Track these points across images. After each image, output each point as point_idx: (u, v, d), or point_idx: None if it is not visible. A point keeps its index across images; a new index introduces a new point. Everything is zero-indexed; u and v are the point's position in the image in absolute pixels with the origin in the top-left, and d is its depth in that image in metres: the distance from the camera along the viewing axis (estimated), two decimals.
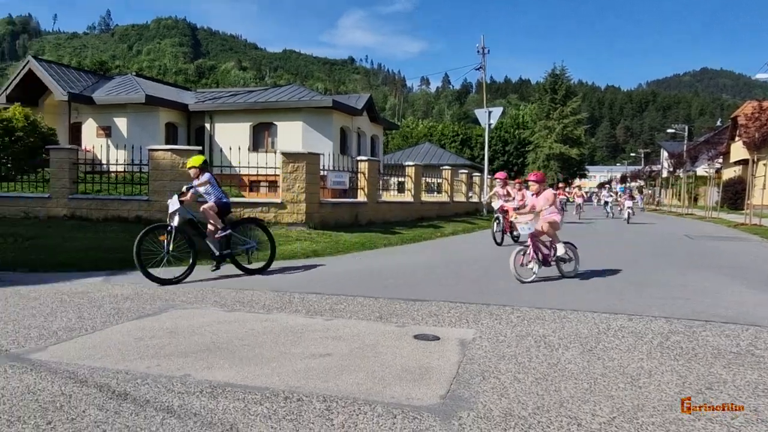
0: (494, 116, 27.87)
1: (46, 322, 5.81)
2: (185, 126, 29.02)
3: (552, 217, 8.79)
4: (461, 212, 25.94)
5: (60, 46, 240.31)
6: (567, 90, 70.64)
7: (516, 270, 8.45)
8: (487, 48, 32.03)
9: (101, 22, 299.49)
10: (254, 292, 7.63)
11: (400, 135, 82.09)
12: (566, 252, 8.89)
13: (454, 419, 3.51)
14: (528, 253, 8.61)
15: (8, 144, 19.97)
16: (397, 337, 5.40)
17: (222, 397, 3.82)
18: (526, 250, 8.63)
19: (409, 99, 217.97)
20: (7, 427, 3.30)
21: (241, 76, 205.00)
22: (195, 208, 9.13)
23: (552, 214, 8.80)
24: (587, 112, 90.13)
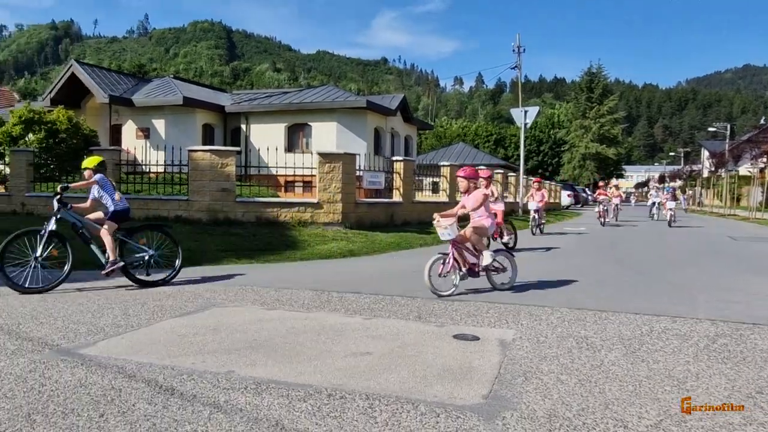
0: (530, 116, 27.57)
1: (94, 319, 5.97)
2: (221, 127, 29.45)
3: (480, 221, 7.74)
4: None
5: (100, 50, 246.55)
6: (604, 88, 69.45)
7: (431, 281, 7.22)
8: (522, 47, 31.71)
9: (139, 26, 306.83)
10: (293, 291, 7.71)
11: (433, 135, 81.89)
12: (495, 261, 7.75)
13: (498, 419, 3.50)
14: (447, 261, 7.46)
15: (52, 145, 20.55)
16: (436, 337, 5.40)
17: (266, 393, 3.87)
18: (446, 258, 7.49)
19: (443, 99, 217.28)
20: (62, 419, 3.40)
21: (276, 77, 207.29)
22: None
23: (480, 218, 7.75)
24: (624, 111, 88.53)
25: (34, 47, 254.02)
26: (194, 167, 14.48)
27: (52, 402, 3.66)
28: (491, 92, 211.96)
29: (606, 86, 71.06)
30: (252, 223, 14.09)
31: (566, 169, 69.24)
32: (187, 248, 11.18)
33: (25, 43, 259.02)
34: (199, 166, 14.38)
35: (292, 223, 14.11)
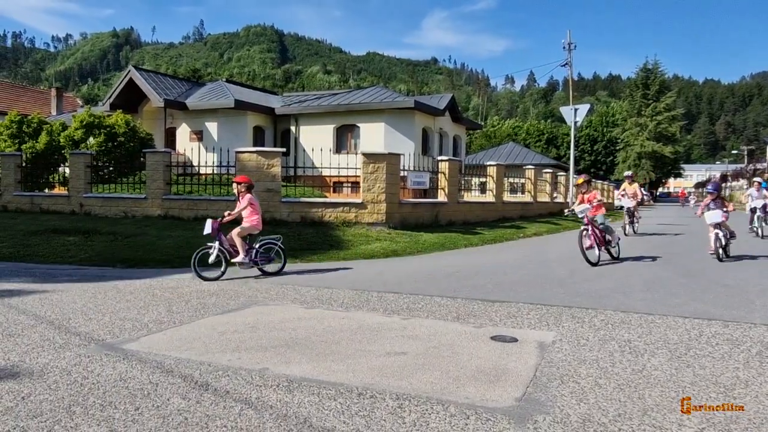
0: (580, 114, 26.95)
1: (139, 315, 6.15)
2: (272, 129, 29.91)
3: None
4: (545, 213, 25.27)
5: (158, 56, 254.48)
6: (661, 85, 67.15)
7: None
8: (573, 43, 30.99)
9: (195, 32, 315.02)
10: (333, 290, 7.75)
11: (483, 135, 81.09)
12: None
13: (529, 422, 3.42)
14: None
15: (111, 148, 21.29)
16: (473, 338, 5.33)
17: (297, 391, 3.90)
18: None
19: (493, 98, 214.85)
20: (99, 412, 3.51)
21: (326, 79, 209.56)
22: None
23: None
24: (683, 108, 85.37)
25: (97, 54, 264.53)
26: (241, 168, 14.75)
27: (92, 395, 3.78)
28: (543, 91, 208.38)
29: (663, 82, 68.67)
30: (297, 223, 14.25)
31: (621, 169, 67.25)
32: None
33: (88, 51, 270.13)
34: (245, 167, 14.64)
35: (336, 223, 14.20)
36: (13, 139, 22.77)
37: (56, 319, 5.90)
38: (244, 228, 9.12)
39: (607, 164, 72.24)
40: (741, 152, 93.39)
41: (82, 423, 3.34)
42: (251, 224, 9.17)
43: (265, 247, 9.19)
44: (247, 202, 9.16)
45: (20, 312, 6.23)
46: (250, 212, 9.19)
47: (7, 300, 6.88)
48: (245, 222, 9.19)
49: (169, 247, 11.42)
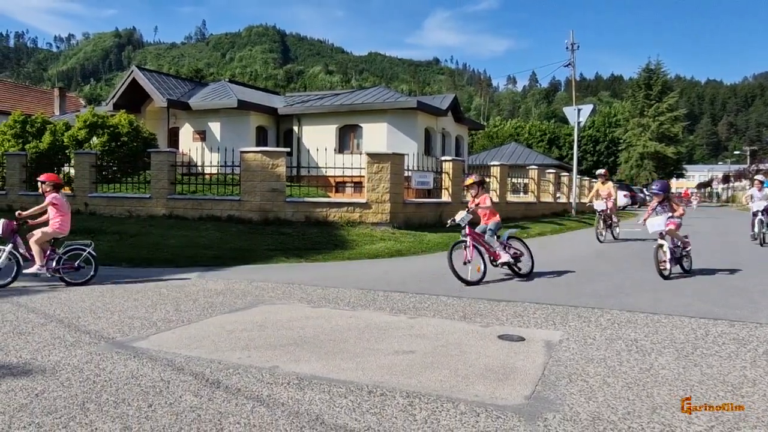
0: (584, 114, 26.96)
1: (147, 314, 6.18)
2: (274, 129, 29.95)
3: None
4: (548, 213, 25.28)
5: (160, 56, 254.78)
6: (663, 85, 67.05)
7: None
8: (576, 44, 31.04)
9: (197, 32, 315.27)
10: (339, 289, 7.78)
11: (485, 135, 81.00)
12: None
13: (539, 420, 3.44)
14: None
15: (114, 148, 21.33)
16: (481, 337, 5.35)
17: (308, 388, 3.93)
18: None
19: (495, 98, 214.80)
20: (113, 408, 3.54)
21: (328, 79, 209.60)
22: None
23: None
24: (685, 108, 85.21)
25: (99, 54, 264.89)
26: (246, 168, 14.80)
27: (105, 392, 3.82)
28: (545, 91, 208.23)
29: (665, 83, 68.57)
30: (301, 223, 14.29)
31: (623, 169, 67.30)
32: (239, 247, 11.48)
33: (91, 51, 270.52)
34: (250, 167, 14.69)
35: (340, 222, 14.23)
36: (17, 139, 22.82)
37: (65, 318, 5.94)
38: (46, 232, 8.15)
39: (609, 165, 72.17)
40: (743, 153, 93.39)
41: (97, 419, 3.37)
42: (54, 228, 8.20)
43: (70, 254, 8.13)
44: (48, 201, 8.26)
45: (29, 310, 6.27)
46: (55, 214, 8.25)
47: (16, 298, 6.92)
48: (48, 226, 8.26)
49: (174, 246, 11.46)
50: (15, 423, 3.31)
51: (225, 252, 10.99)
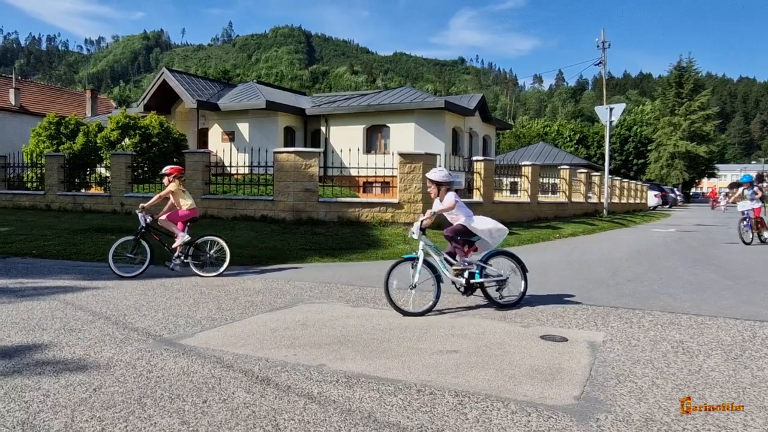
0: (616, 113, 26.61)
1: (191, 312, 6.29)
2: (302, 129, 30.18)
3: None
4: (579, 213, 25.04)
5: (187, 57, 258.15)
6: (695, 83, 65.93)
7: None
8: (607, 42, 30.69)
9: (224, 34, 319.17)
10: (376, 289, 7.81)
11: (512, 135, 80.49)
12: None
13: (592, 420, 3.44)
14: None
15: (146, 149, 21.70)
16: (523, 337, 5.35)
17: (357, 387, 3.97)
18: None
19: (521, 98, 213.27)
20: (169, 403, 3.62)
21: (353, 80, 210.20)
22: None
23: None
24: (717, 107, 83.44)
25: (128, 57, 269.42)
26: (279, 168, 14.94)
27: (159, 387, 3.90)
28: (572, 90, 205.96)
29: (697, 81, 67.38)
30: (334, 223, 14.38)
31: (652, 169, 66.26)
32: (274, 246, 11.61)
33: (120, 53, 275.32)
34: (283, 167, 14.82)
35: (372, 222, 14.29)
36: (52, 140, 23.37)
37: (112, 315, 6.08)
38: None
39: (638, 165, 71.17)
40: None
41: (155, 414, 3.46)
42: None
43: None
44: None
45: (77, 308, 6.43)
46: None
47: (62, 296, 7.09)
48: None
49: None
50: (77, 416, 3.41)
51: (261, 251, 11.11)
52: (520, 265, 6.71)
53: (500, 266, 6.71)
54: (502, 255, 6.84)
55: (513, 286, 6.70)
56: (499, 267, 6.69)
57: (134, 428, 3.26)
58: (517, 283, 6.71)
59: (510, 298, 6.70)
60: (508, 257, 6.83)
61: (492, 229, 6.59)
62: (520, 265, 6.71)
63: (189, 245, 9.13)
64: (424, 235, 6.58)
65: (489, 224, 6.62)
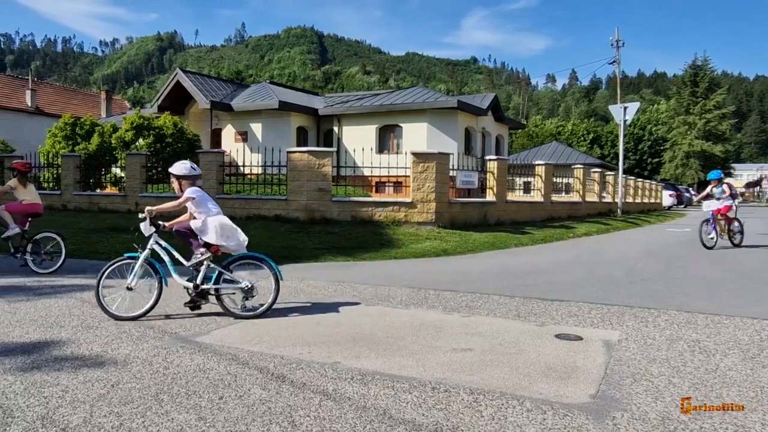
0: (630, 112, 26.42)
1: (206, 309, 6.32)
2: (315, 129, 30.26)
3: None
4: (593, 213, 24.89)
5: (201, 58, 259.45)
6: (710, 82, 65.33)
7: None
8: (622, 41, 30.45)
9: (237, 34, 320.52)
10: (390, 288, 7.83)
11: (525, 134, 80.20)
12: None
13: (608, 419, 3.42)
14: None
15: (160, 149, 21.86)
16: (537, 336, 5.33)
17: (372, 384, 3.98)
18: None
19: (534, 97, 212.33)
20: (186, 400, 3.66)
21: (365, 80, 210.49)
22: None
23: None
24: (733, 106, 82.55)
25: (142, 58, 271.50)
26: (292, 168, 14.99)
27: (176, 384, 3.94)
28: (585, 89, 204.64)
29: (713, 79, 66.78)
30: (347, 222, 14.40)
31: (667, 168, 65.76)
32: (287, 246, 11.65)
33: (134, 55, 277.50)
34: (296, 167, 14.87)
35: (386, 222, 14.30)
36: (67, 141, 23.60)
37: None
38: None
39: (652, 164, 70.64)
40: None
41: (172, 410, 3.49)
42: None
43: None
44: None
45: (93, 306, 6.46)
46: None
47: (79, 294, 7.17)
48: None
49: None
50: (96, 412, 3.45)
51: (274, 251, 11.11)
52: (273, 272, 6.11)
53: (245, 273, 6.24)
54: (250, 259, 6.30)
55: (263, 294, 6.13)
56: (244, 274, 6.22)
57: (152, 423, 3.30)
58: (269, 290, 6.13)
59: (254, 308, 6.09)
60: (260, 262, 6.25)
61: (221, 232, 6.05)
62: (274, 272, 6.11)
63: (28, 241, 9.14)
64: (156, 233, 6.10)
65: (217, 225, 6.07)
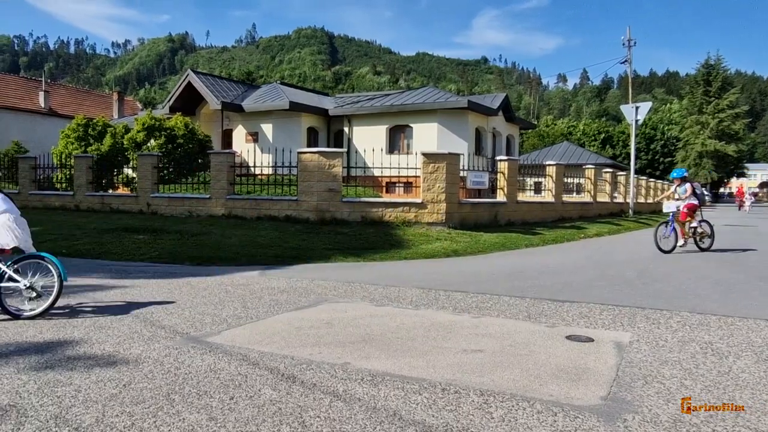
0: (641, 112, 26.24)
1: (216, 310, 6.36)
2: (325, 130, 30.29)
3: None
4: (605, 213, 24.76)
5: (212, 59, 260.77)
6: (723, 81, 64.82)
7: None
8: (633, 40, 30.27)
9: (247, 35, 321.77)
10: (400, 288, 7.83)
11: (535, 134, 79.92)
12: None
13: (619, 421, 3.40)
14: None
15: (171, 150, 22.00)
16: (548, 337, 5.31)
17: (382, 385, 3.98)
18: None
19: (545, 97, 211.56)
20: (197, 400, 3.68)
21: (376, 80, 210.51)
22: None
23: None
24: (747, 105, 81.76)
25: (153, 59, 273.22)
26: (303, 168, 15.03)
27: (187, 384, 3.96)
28: (597, 89, 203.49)
29: (726, 79, 66.28)
30: (357, 223, 14.42)
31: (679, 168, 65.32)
32: (297, 246, 11.69)
33: (146, 56, 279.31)
34: (307, 168, 14.91)
35: (396, 222, 14.29)
36: (80, 142, 23.81)
37: (140, 313, 6.17)
38: None
39: (665, 164, 70.14)
40: None
41: (183, 410, 3.51)
42: None
43: None
44: None
45: (105, 306, 6.54)
46: None
47: (91, 294, 7.23)
48: None
49: (234, 245, 11.74)
50: (108, 411, 3.47)
51: (284, 251, 11.19)
52: (57, 271, 5.82)
53: (31, 272, 5.93)
54: (36, 259, 6.00)
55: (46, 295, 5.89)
56: (31, 273, 5.92)
57: (163, 423, 3.32)
58: (50, 291, 5.87)
59: (35, 308, 5.84)
60: (43, 261, 5.93)
61: None
62: (58, 272, 5.82)
63: None
64: None
65: None
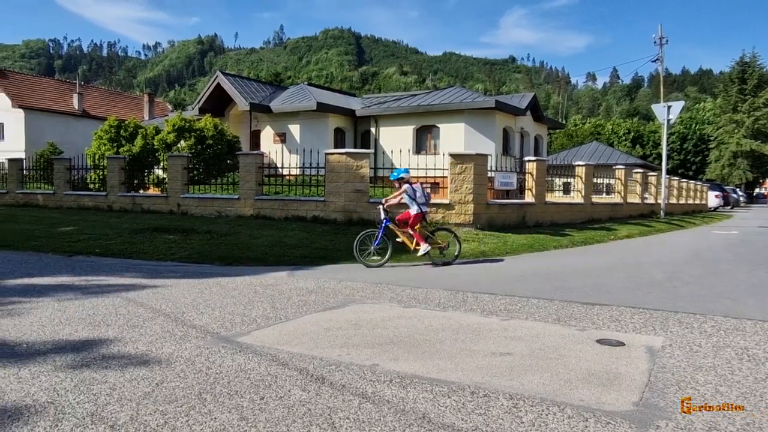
0: (674, 111, 25.73)
1: (246, 310, 6.43)
2: (352, 131, 30.40)
3: None
4: (635, 214, 24.37)
5: (240, 61, 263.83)
6: (759, 79, 63.25)
7: None
8: (665, 38, 29.78)
9: (275, 37, 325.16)
10: (428, 290, 7.82)
11: (564, 134, 79.01)
12: None
13: (651, 428, 3.35)
14: None
15: (200, 151, 22.30)
16: (578, 341, 5.25)
17: (410, 387, 3.98)
18: None
19: (574, 96, 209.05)
20: (228, 399, 3.72)
21: (403, 80, 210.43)
22: None
23: None
24: None
25: (183, 61, 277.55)
26: (330, 169, 15.10)
27: (218, 384, 4.01)
28: (627, 88, 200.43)
29: (762, 76, 64.64)
30: None
31: (713, 168, 63.91)
32: (325, 246, 11.74)
33: (175, 58, 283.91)
34: (334, 169, 14.97)
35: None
36: (112, 143, 24.26)
37: (171, 313, 6.27)
38: None
39: (697, 164, 68.80)
40: None
41: (215, 410, 3.55)
42: None
43: None
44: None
45: (138, 305, 6.66)
46: None
47: (124, 294, 7.36)
48: None
49: (262, 246, 11.85)
50: (142, 410, 3.54)
51: (312, 251, 11.25)
52: None
53: None
54: None
55: None
56: None
57: (195, 422, 3.37)
58: None
59: None
60: None
61: None
62: None
63: None
64: None
65: None
